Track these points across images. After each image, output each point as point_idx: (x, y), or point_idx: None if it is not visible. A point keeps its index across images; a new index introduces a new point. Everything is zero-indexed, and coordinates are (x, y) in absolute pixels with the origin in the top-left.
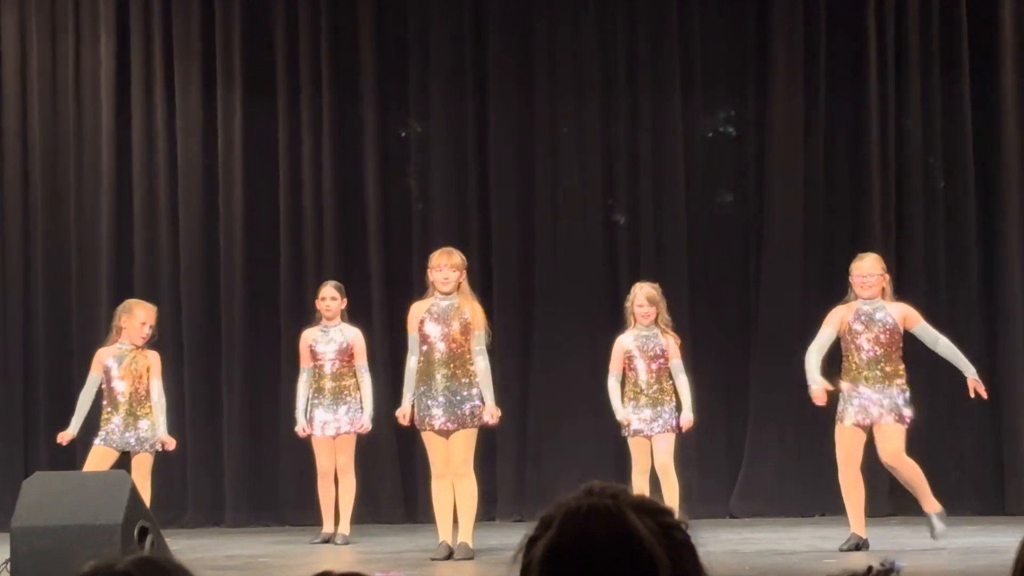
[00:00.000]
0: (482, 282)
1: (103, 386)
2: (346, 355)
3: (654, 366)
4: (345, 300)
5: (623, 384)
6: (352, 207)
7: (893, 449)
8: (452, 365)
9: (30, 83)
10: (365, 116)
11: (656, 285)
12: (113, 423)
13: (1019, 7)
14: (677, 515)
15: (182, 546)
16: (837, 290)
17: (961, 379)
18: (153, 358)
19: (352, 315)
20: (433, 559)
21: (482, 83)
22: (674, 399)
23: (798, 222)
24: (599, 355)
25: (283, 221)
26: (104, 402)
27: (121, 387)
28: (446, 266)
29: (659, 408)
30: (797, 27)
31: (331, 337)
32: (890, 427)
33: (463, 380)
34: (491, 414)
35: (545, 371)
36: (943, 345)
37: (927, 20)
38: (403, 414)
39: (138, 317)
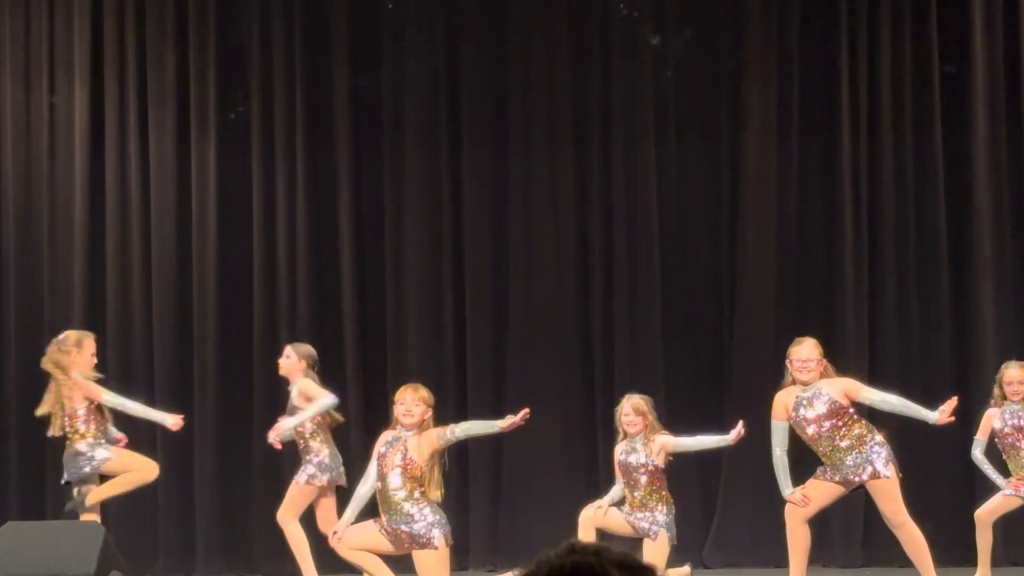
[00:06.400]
0: (455, 331)
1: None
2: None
3: (643, 478)
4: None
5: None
6: (326, 253)
7: (888, 510)
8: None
9: (3, 128)
10: (339, 163)
11: (646, 397)
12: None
13: (991, 64)
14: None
15: None
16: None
17: (932, 427)
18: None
19: (325, 358)
20: None
21: (456, 133)
22: (667, 508)
23: (771, 271)
24: (572, 405)
25: (256, 269)
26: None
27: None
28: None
29: (652, 516)
30: (770, 76)
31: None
32: (875, 484)
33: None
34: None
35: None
36: (893, 403)
37: (899, 73)
38: None
39: (88, 348)
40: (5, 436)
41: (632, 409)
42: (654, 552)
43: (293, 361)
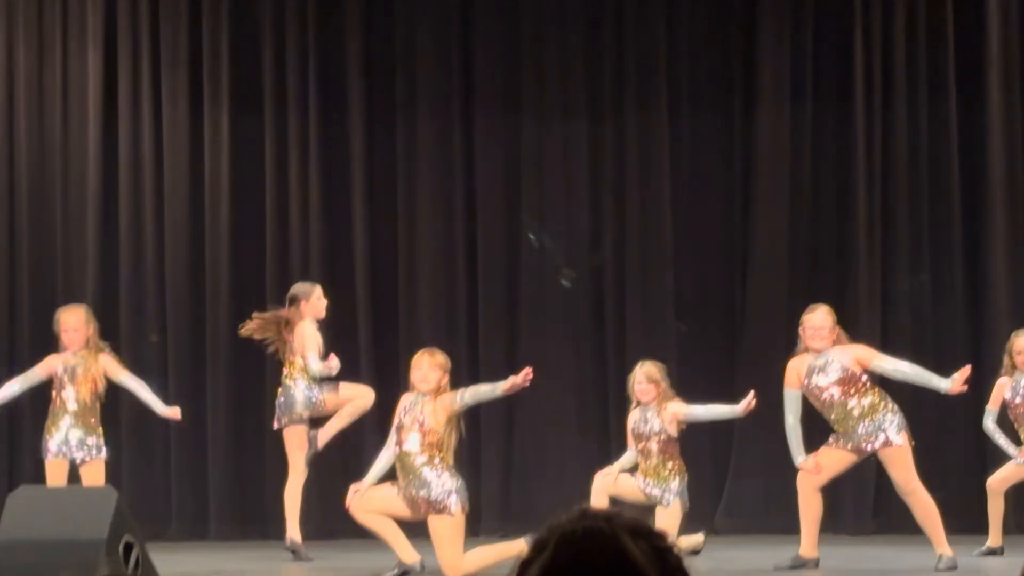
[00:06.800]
0: (467, 300)
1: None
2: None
3: (655, 446)
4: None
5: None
6: (339, 222)
7: (900, 478)
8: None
9: (16, 97)
10: (352, 130)
11: (659, 364)
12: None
13: (1005, 26)
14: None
15: (166, 560)
16: None
17: (942, 397)
18: (105, 360)
19: (337, 328)
20: None
21: (469, 101)
22: (680, 476)
23: (784, 239)
24: (584, 373)
25: (270, 235)
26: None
27: (71, 394)
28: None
29: (665, 484)
30: (784, 45)
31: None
32: (888, 451)
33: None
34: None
35: (530, 388)
36: (905, 371)
37: (913, 38)
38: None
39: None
40: (18, 401)
41: (645, 377)
42: (666, 519)
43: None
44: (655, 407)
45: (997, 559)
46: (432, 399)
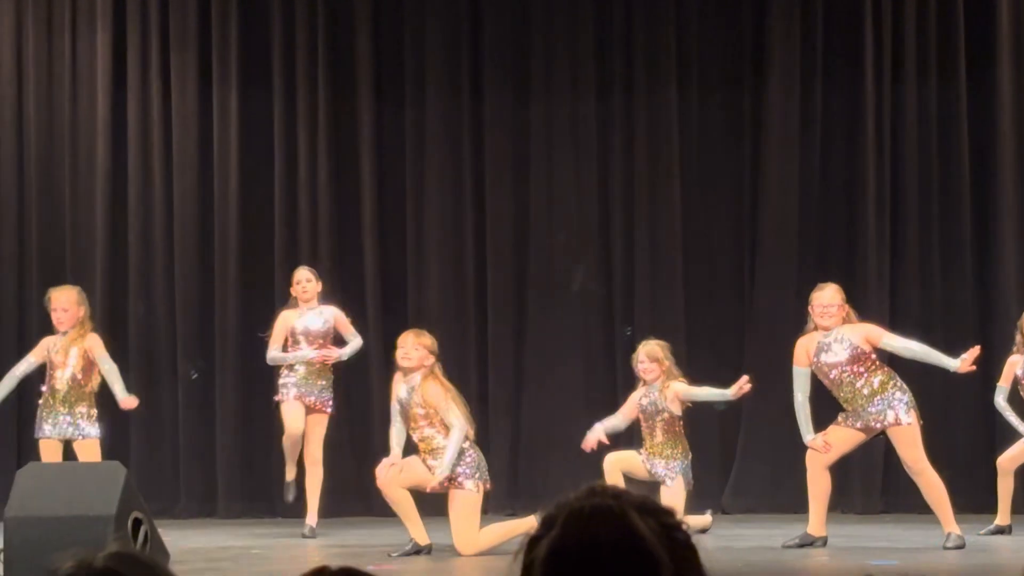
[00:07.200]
0: (476, 278)
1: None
2: (328, 335)
3: (660, 425)
4: (320, 283)
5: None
6: (347, 200)
7: (909, 457)
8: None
9: (26, 75)
10: (361, 109)
11: (662, 343)
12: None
13: (1016, 9)
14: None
15: (174, 536)
16: None
17: (951, 374)
18: (92, 340)
19: (345, 305)
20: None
21: (478, 79)
22: (684, 455)
23: (793, 218)
24: (592, 352)
25: (278, 213)
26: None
27: (62, 374)
28: (410, 345)
29: (669, 463)
30: (794, 23)
31: (310, 319)
32: (897, 430)
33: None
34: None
35: (539, 365)
36: (914, 349)
37: (924, 18)
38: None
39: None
40: (28, 376)
41: (647, 356)
42: (671, 497)
43: (315, 284)
44: (659, 386)
45: (1005, 538)
46: (424, 381)
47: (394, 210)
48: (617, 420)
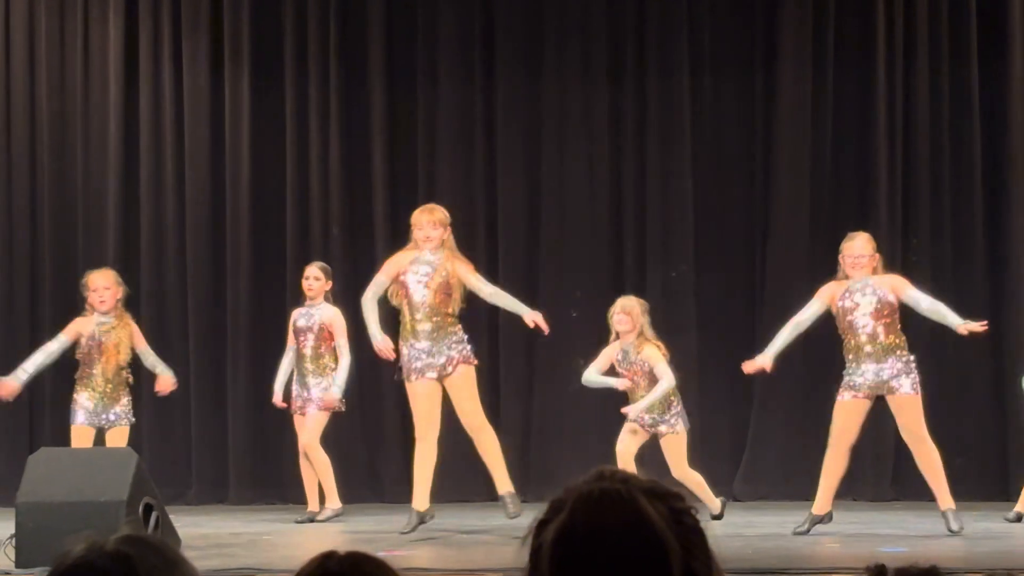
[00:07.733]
0: (488, 261)
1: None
2: (323, 335)
3: (642, 380)
4: (330, 283)
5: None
6: (358, 186)
7: (911, 425)
8: (435, 319)
9: (38, 61)
10: (372, 95)
11: (642, 301)
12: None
13: None
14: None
15: (186, 523)
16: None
17: (963, 361)
18: (134, 329)
19: (358, 295)
20: (402, 533)
21: (490, 64)
22: (675, 397)
23: (805, 203)
24: (605, 335)
25: (289, 200)
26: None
27: (99, 360)
28: (427, 223)
29: (661, 413)
30: (807, 8)
31: (311, 316)
32: (901, 399)
33: (449, 330)
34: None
35: (550, 351)
36: (926, 305)
37: (936, 2)
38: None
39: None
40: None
41: (620, 308)
42: (672, 447)
43: (322, 283)
44: (633, 344)
45: (1020, 526)
46: (448, 260)
47: (406, 195)
48: (594, 375)
